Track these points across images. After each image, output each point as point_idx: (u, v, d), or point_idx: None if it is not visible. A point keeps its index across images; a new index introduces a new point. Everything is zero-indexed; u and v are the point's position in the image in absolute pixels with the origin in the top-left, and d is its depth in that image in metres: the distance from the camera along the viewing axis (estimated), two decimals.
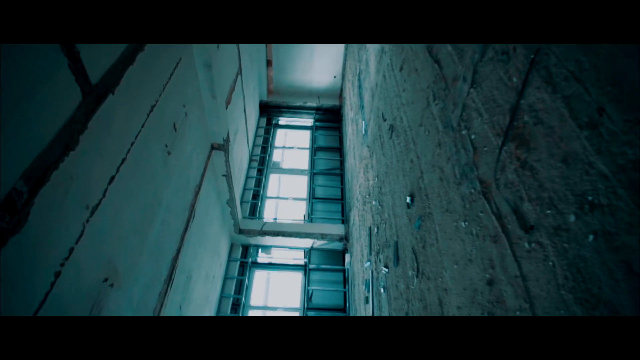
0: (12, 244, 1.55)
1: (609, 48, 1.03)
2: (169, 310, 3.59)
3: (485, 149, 1.65)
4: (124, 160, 2.48)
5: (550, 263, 1.19)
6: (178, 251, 3.72)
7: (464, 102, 1.90)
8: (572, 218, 1.11)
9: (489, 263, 1.59)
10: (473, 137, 1.78)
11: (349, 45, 7.92)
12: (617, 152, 0.98)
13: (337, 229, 6.56)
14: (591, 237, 1.03)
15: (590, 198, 1.05)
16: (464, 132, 1.88)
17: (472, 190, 1.76)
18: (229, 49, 5.17)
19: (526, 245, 1.33)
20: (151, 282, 3.13)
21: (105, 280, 2.38)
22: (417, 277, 2.55)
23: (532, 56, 1.35)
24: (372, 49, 5.04)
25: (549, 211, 1.21)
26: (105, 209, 2.27)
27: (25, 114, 1.60)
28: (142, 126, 2.70)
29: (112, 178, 2.36)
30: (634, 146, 0.93)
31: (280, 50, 8.42)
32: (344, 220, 7.01)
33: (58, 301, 1.90)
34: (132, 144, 2.57)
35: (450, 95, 2.10)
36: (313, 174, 7.98)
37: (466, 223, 1.81)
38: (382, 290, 3.64)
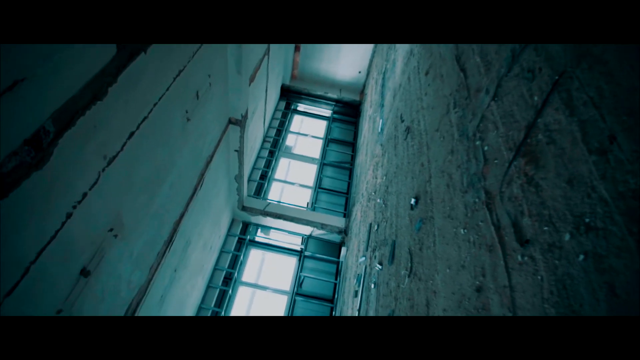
0: (34, 178, 1.64)
1: (631, 80, 1.07)
2: (165, 270, 3.69)
3: (495, 161, 1.69)
4: (145, 118, 2.55)
5: (539, 277, 1.24)
6: (182, 216, 3.81)
7: (483, 113, 1.94)
8: (567, 237, 1.15)
9: (480, 271, 1.64)
10: (486, 148, 1.81)
11: (378, 43, 7.90)
12: (620, 180, 1.02)
13: (338, 222, 6.62)
14: (582, 257, 1.08)
15: (587, 220, 1.09)
16: (478, 142, 1.92)
17: (476, 200, 1.80)
18: None
19: (519, 257, 1.38)
20: (152, 240, 3.23)
21: (111, 230, 2.47)
22: (409, 277, 2.61)
23: (556, 77, 1.38)
24: (401, 49, 5.04)
25: (546, 228, 1.25)
26: (121, 162, 2.35)
27: (62, 59, 1.67)
28: (167, 89, 2.77)
29: (132, 134, 2.43)
30: (636, 176, 0.97)
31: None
32: (346, 214, 7.08)
33: (66, 240, 1.99)
34: (155, 104, 2.64)
35: (470, 105, 2.14)
36: (323, 164, 8.03)
37: (465, 230, 1.85)
38: (372, 286, 3.70)
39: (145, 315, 3.46)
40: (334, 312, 6.09)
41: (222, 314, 5.84)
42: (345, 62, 8.84)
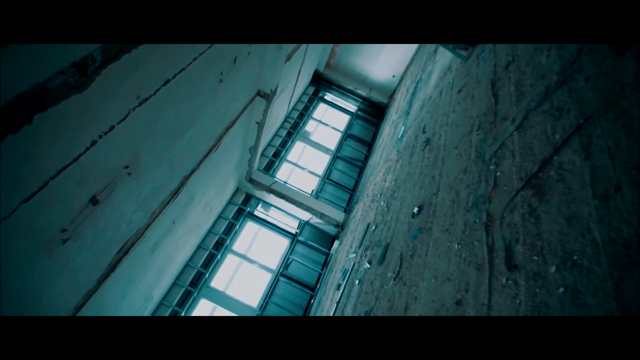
0: (73, 100, 1.73)
1: None
2: (165, 219, 3.81)
3: (504, 187, 1.75)
4: (182, 70, 2.63)
5: (518, 301, 1.31)
6: (192, 171, 3.92)
7: (503, 140, 1.99)
8: (552, 269, 1.22)
9: (464, 286, 1.71)
10: (498, 174, 1.87)
11: (419, 52, 7.89)
12: (615, 227, 1.08)
13: (337, 215, 6.71)
14: (561, 290, 1.15)
15: (575, 257, 1.16)
16: (492, 167, 1.98)
17: (477, 220, 1.86)
18: None
19: (504, 280, 1.45)
20: (160, 187, 3.34)
21: (126, 167, 2.57)
22: (394, 280, 2.68)
23: (581, 121, 1.43)
24: (440, 63, 5.06)
25: (536, 257, 1.32)
26: (151, 105, 2.44)
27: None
28: (210, 47, 2.84)
29: (167, 81, 2.52)
30: (630, 226, 1.03)
31: None
32: (347, 209, 7.15)
33: (85, 166, 2.10)
34: (194, 59, 2.72)
35: (494, 130, 2.19)
36: (336, 156, 8.10)
37: (459, 246, 1.92)
38: (356, 282, 3.79)
39: (136, 257, 3.59)
40: (312, 301, 6.21)
41: (207, 276, 5.98)
42: (382, 62, 8.85)
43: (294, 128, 8.26)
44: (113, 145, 2.28)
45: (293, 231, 6.97)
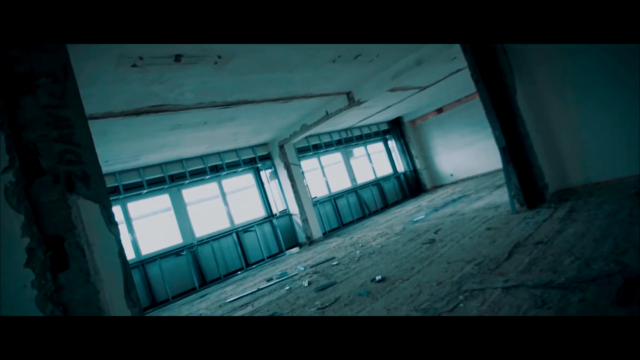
0: None
1: None
2: (202, 115, 4.04)
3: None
4: None
5: None
6: (252, 102, 4.13)
7: (486, 287, 2.13)
8: None
9: None
10: (461, 305, 2.01)
11: (486, 175, 8.04)
12: None
13: (316, 231, 6.86)
14: None
15: None
16: (461, 297, 2.12)
17: None
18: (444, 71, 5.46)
19: None
20: (222, 91, 3.55)
21: (219, 57, 2.80)
22: (318, 309, 2.82)
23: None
24: (492, 197, 5.21)
25: None
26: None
27: None
28: None
29: None
30: None
31: (457, 120, 8.63)
32: (326, 234, 7.30)
33: None
34: None
35: (486, 275, 2.33)
36: (355, 190, 8.27)
37: None
38: (287, 287, 3.93)
39: (159, 121, 3.80)
40: (239, 272, 6.32)
41: (186, 182, 6.19)
42: (453, 158, 9.01)
43: (346, 141, 8.48)
44: None
45: (275, 211, 7.14)
